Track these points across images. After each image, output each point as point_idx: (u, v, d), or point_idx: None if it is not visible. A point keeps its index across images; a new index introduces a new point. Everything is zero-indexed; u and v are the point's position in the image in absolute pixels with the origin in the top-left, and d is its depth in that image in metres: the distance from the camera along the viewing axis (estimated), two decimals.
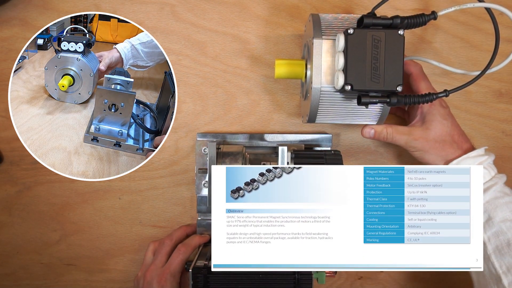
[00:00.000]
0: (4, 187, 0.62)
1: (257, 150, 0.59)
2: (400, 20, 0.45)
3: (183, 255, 0.56)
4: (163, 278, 0.54)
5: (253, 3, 0.60)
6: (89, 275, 0.64)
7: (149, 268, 0.56)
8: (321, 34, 0.48)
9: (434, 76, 0.60)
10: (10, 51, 0.60)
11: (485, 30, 0.60)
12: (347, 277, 0.64)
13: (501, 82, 0.61)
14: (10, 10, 0.60)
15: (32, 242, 0.64)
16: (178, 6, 0.60)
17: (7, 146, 0.62)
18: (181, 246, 0.57)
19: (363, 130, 0.53)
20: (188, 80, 0.61)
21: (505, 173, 0.52)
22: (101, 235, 0.63)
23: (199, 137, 0.61)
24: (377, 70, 0.44)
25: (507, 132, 0.62)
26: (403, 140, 0.52)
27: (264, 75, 0.61)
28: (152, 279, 0.54)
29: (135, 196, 0.63)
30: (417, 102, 0.47)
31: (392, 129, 0.52)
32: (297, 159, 0.54)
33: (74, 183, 0.62)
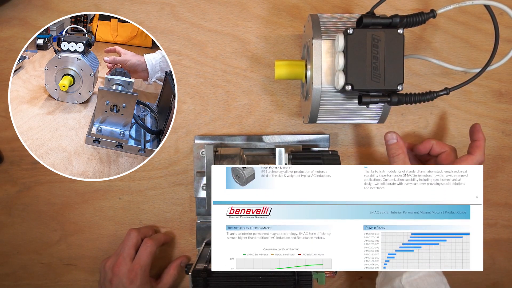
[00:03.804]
0: (4, 187, 0.62)
1: (255, 152, 0.59)
2: (399, 19, 0.45)
3: (150, 247, 0.58)
4: (133, 272, 0.56)
5: (253, 3, 0.60)
6: (89, 275, 0.64)
7: (117, 261, 0.57)
8: (321, 35, 0.48)
9: (434, 76, 0.60)
10: (10, 51, 0.61)
11: (485, 30, 0.60)
12: (347, 277, 0.64)
13: (501, 82, 0.61)
14: (10, 10, 0.60)
15: (32, 242, 0.64)
16: (178, 6, 0.60)
17: (7, 146, 0.62)
18: (148, 240, 0.59)
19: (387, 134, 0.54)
20: (188, 80, 0.61)
21: (504, 173, 0.52)
22: (101, 235, 0.63)
23: (197, 139, 0.61)
24: (377, 70, 0.44)
25: (507, 132, 0.62)
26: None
27: (264, 75, 0.61)
28: (122, 274, 0.56)
29: (135, 196, 0.63)
30: (417, 101, 0.47)
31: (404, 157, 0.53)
32: (295, 160, 0.54)
33: (74, 183, 0.62)
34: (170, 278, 0.61)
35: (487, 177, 0.62)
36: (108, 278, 0.56)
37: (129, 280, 0.55)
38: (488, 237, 0.63)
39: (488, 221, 0.63)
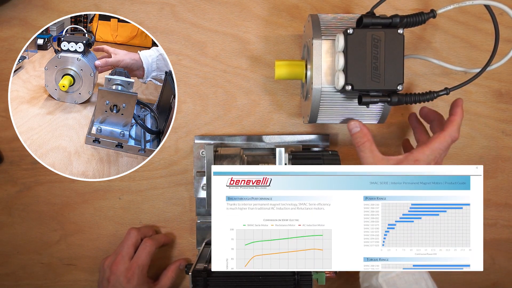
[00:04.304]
0: (4, 187, 0.62)
1: (255, 152, 0.59)
2: (399, 19, 0.45)
3: (150, 247, 0.58)
4: (131, 271, 0.56)
5: (253, 3, 0.60)
6: (89, 275, 0.64)
7: (115, 260, 0.57)
8: (321, 35, 0.47)
9: (434, 76, 0.60)
10: (10, 51, 0.60)
11: (485, 30, 0.60)
12: (347, 277, 0.64)
13: (501, 82, 0.61)
14: (10, 10, 0.60)
15: (32, 242, 0.64)
16: (178, 6, 0.60)
17: (7, 146, 0.62)
18: (147, 240, 0.59)
19: (350, 123, 0.51)
20: (188, 80, 0.61)
21: (504, 173, 0.52)
22: (101, 235, 0.63)
23: (197, 139, 0.61)
24: (377, 70, 0.44)
25: (507, 132, 0.62)
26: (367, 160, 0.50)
27: (264, 75, 0.61)
28: (120, 272, 0.56)
29: (135, 196, 0.63)
30: (417, 101, 0.47)
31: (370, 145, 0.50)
32: (295, 160, 0.54)
33: (74, 183, 0.62)
34: (168, 281, 0.61)
35: (487, 177, 0.62)
36: (106, 276, 0.56)
37: (126, 279, 0.55)
38: (488, 237, 0.63)
39: (488, 221, 0.63)
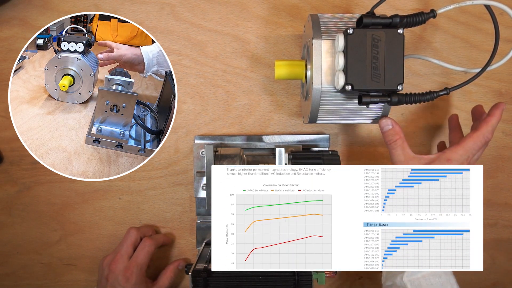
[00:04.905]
0: (4, 187, 0.63)
1: (255, 152, 0.59)
2: (399, 19, 0.45)
3: (149, 247, 0.58)
4: (129, 270, 0.56)
5: (253, 3, 0.60)
6: (89, 275, 0.64)
7: (114, 258, 0.57)
8: (321, 35, 0.47)
9: (434, 76, 0.60)
10: (10, 51, 0.61)
11: (485, 30, 0.60)
12: (347, 277, 0.64)
13: (501, 82, 0.61)
14: (10, 10, 0.60)
15: (32, 242, 0.64)
16: (178, 6, 0.60)
17: (7, 146, 0.62)
18: (147, 239, 0.59)
19: (382, 121, 0.51)
20: (188, 80, 0.61)
21: (504, 173, 0.52)
22: (101, 235, 0.63)
23: (197, 139, 0.61)
24: (377, 70, 0.44)
25: (507, 132, 0.62)
26: (398, 159, 0.50)
27: (264, 75, 0.61)
28: (118, 271, 0.56)
29: (135, 196, 0.63)
30: (417, 101, 0.47)
31: (402, 143, 0.50)
32: (295, 160, 0.54)
33: (74, 183, 0.62)
34: (166, 281, 0.60)
35: (487, 177, 0.62)
36: (105, 274, 0.56)
37: (125, 278, 0.55)
38: (488, 237, 0.63)
39: (488, 221, 0.63)
